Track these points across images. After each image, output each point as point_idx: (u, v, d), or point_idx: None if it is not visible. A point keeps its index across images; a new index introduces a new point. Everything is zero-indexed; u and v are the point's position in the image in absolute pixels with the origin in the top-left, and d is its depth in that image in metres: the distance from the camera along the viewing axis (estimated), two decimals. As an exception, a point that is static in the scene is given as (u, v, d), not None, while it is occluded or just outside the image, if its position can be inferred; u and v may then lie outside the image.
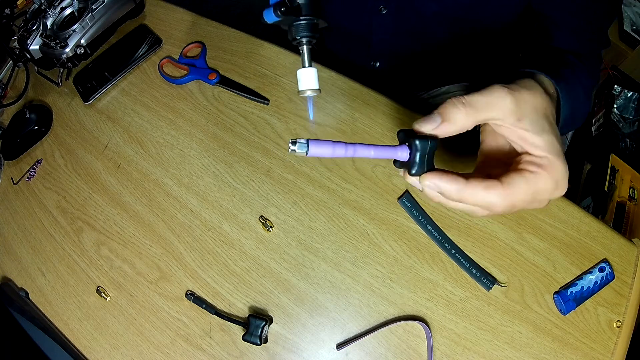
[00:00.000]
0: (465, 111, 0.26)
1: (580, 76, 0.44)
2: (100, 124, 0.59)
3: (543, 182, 0.27)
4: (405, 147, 0.27)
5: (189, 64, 0.60)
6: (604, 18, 0.50)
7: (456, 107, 0.26)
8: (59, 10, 0.60)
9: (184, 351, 0.46)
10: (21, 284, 0.52)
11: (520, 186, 0.26)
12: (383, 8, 0.57)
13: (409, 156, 0.27)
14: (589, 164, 1.14)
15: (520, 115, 0.27)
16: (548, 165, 0.27)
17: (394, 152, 0.27)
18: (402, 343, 0.44)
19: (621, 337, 0.42)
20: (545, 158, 0.27)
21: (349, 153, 0.27)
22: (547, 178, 0.27)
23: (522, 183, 0.26)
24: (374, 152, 0.27)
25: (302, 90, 0.32)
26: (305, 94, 0.32)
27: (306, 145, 0.26)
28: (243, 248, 0.49)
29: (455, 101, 0.26)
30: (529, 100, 0.28)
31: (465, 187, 0.26)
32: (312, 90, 0.32)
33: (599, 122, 1.18)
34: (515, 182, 0.26)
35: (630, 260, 0.46)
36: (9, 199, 0.58)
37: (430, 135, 0.27)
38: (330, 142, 0.26)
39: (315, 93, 0.32)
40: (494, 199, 0.26)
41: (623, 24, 1.15)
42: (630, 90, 1.16)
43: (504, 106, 0.27)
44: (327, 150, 0.26)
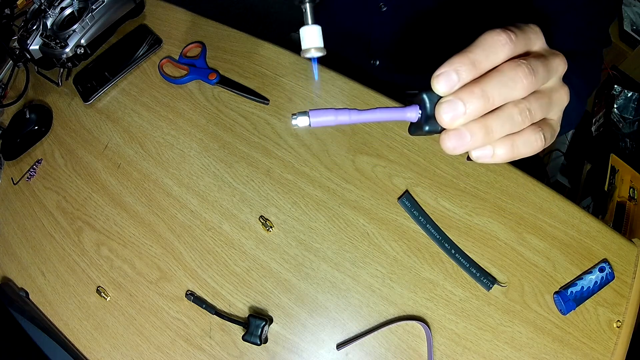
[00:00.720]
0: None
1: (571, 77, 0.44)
2: (100, 124, 0.59)
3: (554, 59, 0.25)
4: (414, 106, 0.25)
5: (189, 64, 0.60)
6: (605, 16, 0.50)
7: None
8: (59, 10, 0.60)
9: (184, 351, 0.46)
10: (21, 284, 0.52)
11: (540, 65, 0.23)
12: (383, 5, 0.57)
13: (419, 115, 0.25)
14: (589, 164, 1.14)
15: None
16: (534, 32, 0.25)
17: (402, 113, 0.25)
18: (402, 343, 0.44)
19: (621, 337, 0.42)
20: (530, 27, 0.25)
21: (353, 119, 0.25)
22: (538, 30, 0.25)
23: (540, 62, 0.24)
24: (379, 114, 0.25)
25: (305, 49, 0.30)
26: (309, 53, 0.30)
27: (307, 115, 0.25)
28: (243, 248, 0.49)
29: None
30: None
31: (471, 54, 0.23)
32: (315, 48, 0.30)
33: (599, 122, 1.18)
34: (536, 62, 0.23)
35: (630, 260, 0.46)
36: (9, 199, 0.58)
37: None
38: (332, 110, 0.25)
39: (319, 52, 0.30)
40: (498, 35, 0.23)
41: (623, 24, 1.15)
42: (630, 90, 1.16)
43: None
44: (329, 118, 0.25)
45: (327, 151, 0.52)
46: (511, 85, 0.23)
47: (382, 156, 0.51)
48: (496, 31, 0.23)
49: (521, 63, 0.23)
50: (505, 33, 0.23)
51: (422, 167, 0.50)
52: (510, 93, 0.23)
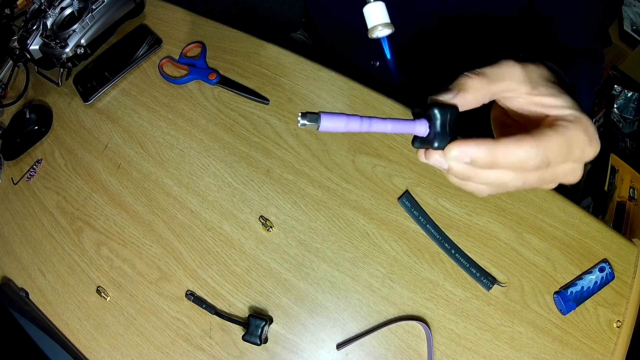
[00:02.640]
0: (479, 79, 0.25)
1: (583, 73, 0.44)
2: (100, 124, 0.59)
3: (576, 133, 0.24)
4: (423, 121, 0.25)
5: (189, 64, 0.60)
6: (605, 16, 0.50)
7: (469, 77, 0.25)
8: (59, 10, 0.60)
9: (184, 351, 0.46)
10: (21, 284, 0.52)
11: (552, 137, 0.24)
12: None
13: (428, 130, 0.25)
14: (589, 164, 1.14)
15: (533, 83, 0.26)
16: (576, 120, 0.25)
17: (412, 126, 0.25)
18: (402, 343, 0.44)
19: (621, 337, 0.42)
20: (570, 115, 0.25)
21: (364, 127, 0.24)
22: (579, 129, 0.24)
23: (554, 134, 0.24)
24: (391, 126, 0.25)
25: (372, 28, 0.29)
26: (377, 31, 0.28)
27: (318, 118, 0.23)
28: (243, 248, 0.49)
29: (468, 72, 0.25)
30: (537, 70, 0.27)
31: (496, 146, 0.23)
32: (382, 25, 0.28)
33: (599, 122, 1.18)
34: (547, 133, 0.24)
35: (630, 260, 0.46)
36: (9, 199, 0.58)
37: (448, 104, 0.25)
38: (344, 115, 0.24)
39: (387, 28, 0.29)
40: (527, 152, 0.23)
41: (623, 24, 1.15)
42: (630, 90, 1.16)
43: (515, 75, 0.26)
44: (340, 124, 0.24)
45: (327, 151, 0.52)
46: (504, 187, 0.26)
47: (382, 156, 0.51)
48: (532, 153, 0.24)
49: (518, 184, 0.25)
50: (539, 162, 0.24)
51: (422, 167, 0.50)
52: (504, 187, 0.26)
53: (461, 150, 0.24)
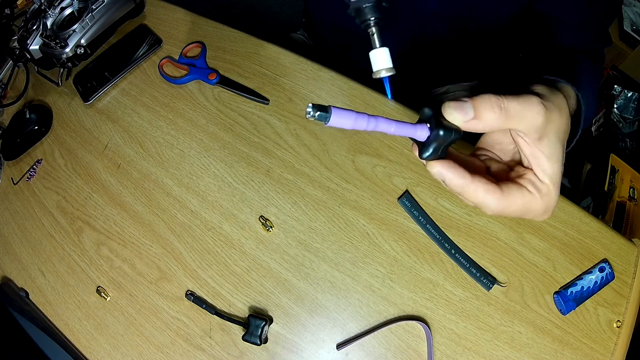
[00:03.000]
0: (499, 115, 0.25)
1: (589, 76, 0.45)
2: (100, 124, 0.59)
3: (536, 205, 0.28)
4: (425, 127, 0.26)
5: (189, 64, 0.60)
6: (605, 16, 0.50)
7: (493, 109, 0.25)
8: (59, 10, 0.60)
9: (184, 351, 0.46)
10: (21, 284, 0.52)
11: (516, 201, 0.27)
12: None
13: (426, 138, 0.26)
14: (589, 164, 1.14)
15: (543, 135, 0.27)
16: (546, 193, 0.28)
17: (413, 131, 0.26)
18: (402, 343, 0.44)
19: (621, 337, 0.42)
20: (545, 185, 0.28)
21: (370, 126, 0.25)
22: (541, 203, 0.28)
23: (519, 199, 0.27)
24: (395, 128, 0.25)
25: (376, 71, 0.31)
26: (381, 74, 0.31)
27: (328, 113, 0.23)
28: (243, 248, 0.49)
29: (494, 102, 0.25)
30: (556, 122, 0.27)
31: (469, 185, 0.26)
32: (386, 69, 0.31)
33: (599, 122, 1.18)
34: (513, 196, 0.27)
35: (630, 260, 0.46)
36: (9, 199, 0.58)
37: (455, 127, 0.26)
38: (352, 112, 0.24)
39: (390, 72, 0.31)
40: (491, 203, 0.27)
41: (623, 24, 1.15)
42: (630, 90, 1.16)
43: (534, 122, 0.26)
44: (348, 121, 0.24)
45: (327, 151, 0.52)
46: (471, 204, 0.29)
47: (382, 156, 0.51)
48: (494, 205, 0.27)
49: None
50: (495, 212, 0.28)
51: (422, 167, 0.50)
52: None
53: (441, 172, 0.26)
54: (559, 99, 0.29)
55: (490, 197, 0.26)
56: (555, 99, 0.28)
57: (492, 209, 0.27)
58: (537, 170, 0.28)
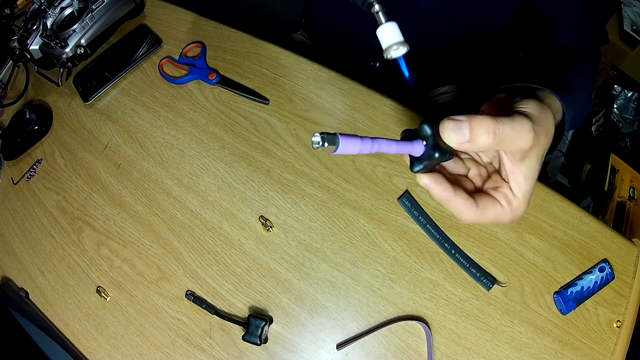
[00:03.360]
0: (492, 140, 0.27)
1: (582, 76, 0.45)
2: (100, 124, 0.59)
3: (506, 217, 0.31)
4: (421, 145, 0.27)
5: (189, 64, 0.60)
6: (603, 13, 0.50)
7: (487, 134, 0.26)
8: (59, 10, 0.60)
9: (184, 351, 0.46)
10: (21, 284, 0.52)
11: (489, 213, 0.30)
12: None
13: (421, 154, 0.28)
14: (589, 164, 1.14)
15: (526, 156, 0.29)
16: (516, 207, 0.30)
17: (411, 148, 0.27)
18: (402, 343, 0.44)
19: (621, 337, 0.42)
20: (517, 200, 0.30)
21: (374, 149, 0.26)
22: (509, 215, 0.30)
23: (491, 211, 0.30)
24: (396, 147, 0.27)
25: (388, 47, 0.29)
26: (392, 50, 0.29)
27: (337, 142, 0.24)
28: (243, 248, 0.49)
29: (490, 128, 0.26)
30: (541, 144, 0.29)
31: (451, 199, 0.29)
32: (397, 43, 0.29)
33: (599, 122, 1.18)
34: (487, 210, 0.30)
35: (630, 260, 0.46)
36: (9, 199, 0.58)
37: (449, 149, 0.27)
38: (358, 138, 0.25)
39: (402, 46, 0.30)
40: (467, 215, 0.30)
41: (623, 24, 1.15)
42: (630, 90, 1.16)
43: (522, 146, 0.28)
44: (354, 148, 0.25)
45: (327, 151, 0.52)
46: None
47: (382, 156, 0.51)
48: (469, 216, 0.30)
49: None
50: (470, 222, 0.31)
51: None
52: None
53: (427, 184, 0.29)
54: (548, 119, 0.30)
55: (467, 211, 0.30)
56: (545, 119, 0.30)
57: (467, 220, 0.30)
58: (513, 186, 0.30)
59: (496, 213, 0.30)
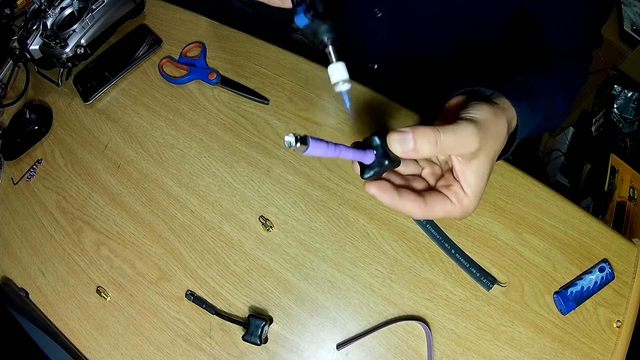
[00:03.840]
0: (434, 149, 0.28)
1: (559, 80, 0.45)
2: (100, 124, 0.59)
3: (456, 213, 0.31)
4: (372, 154, 0.30)
5: (189, 64, 0.60)
6: (597, 18, 0.50)
7: (429, 145, 0.28)
8: (59, 10, 0.60)
9: (184, 351, 0.46)
10: (21, 284, 0.52)
11: (437, 210, 0.31)
12: (378, 11, 0.57)
13: (371, 162, 0.30)
14: (589, 164, 1.14)
15: (474, 157, 0.30)
16: (466, 204, 0.31)
17: (364, 156, 0.30)
18: (402, 343, 0.44)
19: (621, 337, 0.42)
20: (468, 198, 0.31)
21: (335, 153, 0.28)
22: (459, 211, 0.31)
23: (440, 208, 0.31)
24: (352, 154, 0.29)
25: (334, 83, 0.34)
26: (339, 86, 0.34)
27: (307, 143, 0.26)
28: (243, 248, 0.49)
29: (431, 137, 0.28)
30: (490, 147, 0.30)
31: (397, 204, 0.30)
32: (343, 81, 0.34)
33: (599, 122, 1.18)
34: (436, 206, 0.31)
35: (630, 260, 0.46)
36: (9, 199, 0.58)
37: (397, 157, 0.30)
38: (324, 143, 0.27)
39: (347, 83, 0.35)
40: (416, 213, 0.31)
41: (623, 24, 1.15)
42: (630, 90, 1.16)
43: (467, 150, 0.29)
44: (320, 151, 0.27)
45: (327, 151, 0.52)
46: None
47: (382, 156, 0.51)
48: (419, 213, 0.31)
49: None
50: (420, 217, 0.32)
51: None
52: None
53: (374, 193, 0.30)
54: (498, 124, 0.31)
55: (415, 209, 0.31)
56: (494, 123, 0.31)
57: (417, 217, 0.32)
58: (464, 185, 0.31)
59: (445, 209, 0.31)
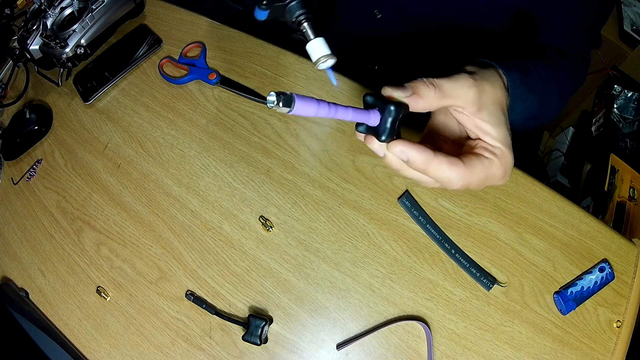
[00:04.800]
0: (434, 92, 0.27)
1: (557, 71, 0.45)
2: (100, 124, 0.59)
3: (495, 169, 0.28)
4: (377, 112, 0.27)
5: (189, 64, 0.60)
6: (595, 18, 0.50)
7: (427, 86, 0.27)
8: (59, 10, 0.60)
9: (184, 351, 0.46)
10: (21, 284, 0.52)
11: (478, 169, 0.28)
12: (378, 13, 0.57)
13: (379, 121, 0.27)
14: (589, 164, 1.14)
15: (480, 106, 0.29)
16: (501, 155, 0.29)
17: (367, 116, 0.27)
18: (402, 343, 0.44)
19: (621, 337, 0.42)
20: (498, 148, 0.29)
21: (330, 113, 0.26)
22: (499, 166, 0.29)
23: (480, 167, 0.28)
24: (352, 114, 0.27)
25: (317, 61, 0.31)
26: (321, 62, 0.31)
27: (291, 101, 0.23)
28: (243, 248, 0.49)
29: (426, 80, 0.27)
30: (490, 92, 0.29)
31: (432, 159, 0.26)
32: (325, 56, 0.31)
33: (599, 122, 1.18)
34: (474, 165, 0.28)
35: (630, 260, 0.46)
36: (9, 199, 0.58)
37: (402, 102, 0.27)
38: (314, 100, 0.25)
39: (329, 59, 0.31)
40: (455, 176, 0.27)
41: (623, 24, 1.15)
42: (630, 90, 1.16)
43: (467, 96, 0.28)
44: (311, 109, 0.25)
45: (327, 151, 0.52)
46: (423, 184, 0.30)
47: (382, 156, 0.51)
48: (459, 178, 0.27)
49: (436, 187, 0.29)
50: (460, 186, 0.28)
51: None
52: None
53: (403, 150, 0.26)
54: (490, 73, 0.30)
55: (454, 169, 0.27)
56: (485, 73, 0.30)
57: (457, 183, 0.27)
58: (486, 138, 0.29)
59: (485, 168, 0.28)
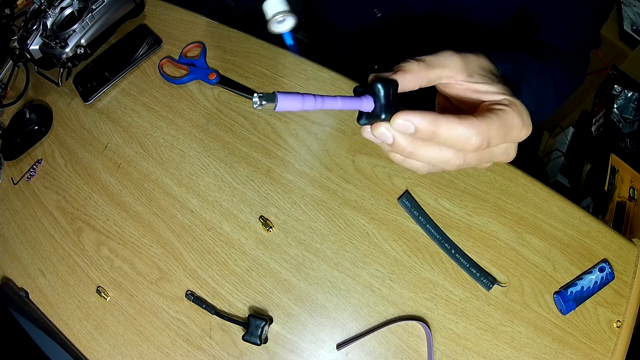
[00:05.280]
0: (418, 65, 0.27)
1: (553, 67, 0.44)
2: (100, 124, 0.59)
3: (512, 117, 0.26)
4: (369, 97, 0.26)
5: (189, 64, 0.60)
6: (595, 18, 0.50)
7: (409, 61, 0.27)
8: (59, 10, 0.60)
9: (184, 351, 0.46)
10: (21, 284, 0.52)
11: (493, 120, 0.25)
12: (377, 12, 0.57)
13: (374, 104, 0.26)
14: (589, 164, 1.14)
15: (469, 72, 0.28)
16: (511, 103, 0.27)
17: (359, 103, 0.26)
18: (402, 343, 0.44)
19: (621, 337, 0.42)
20: (505, 98, 0.27)
21: (317, 105, 0.25)
22: (514, 113, 0.26)
23: (494, 117, 0.25)
24: (341, 103, 0.26)
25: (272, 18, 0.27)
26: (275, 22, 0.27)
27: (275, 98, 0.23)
28: (243, 248, 0.49)
29: (409, 59, 0.27)
30: (475, 60, 0.29)
31: (440, 118, 0.24)
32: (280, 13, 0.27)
33: (599, 122, 1.18)
34: (487, 116, 0.25)
35: (630, 260, 0.46)
36: (9, 199, 0.58)
37: (389, 78, 0.27)
38: (299, 94, 0.24)
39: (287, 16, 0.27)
40: (470, 131, 0.24)
41: (623, 24, 1.15)
42: (630, 90, 1.16)
43: (453, 64, 0.28)
44: (296, 104, 0.24)
45: (327, 151, 0.52)
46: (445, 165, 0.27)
47: (382, 156, 0.51)
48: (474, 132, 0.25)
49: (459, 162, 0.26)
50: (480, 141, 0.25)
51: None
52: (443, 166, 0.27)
53: (406, 118, 0.24)
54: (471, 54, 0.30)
55: (466, 124, 0.24)
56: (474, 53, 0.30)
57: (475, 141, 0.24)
58: (487, 97, 0.28)
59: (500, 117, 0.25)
